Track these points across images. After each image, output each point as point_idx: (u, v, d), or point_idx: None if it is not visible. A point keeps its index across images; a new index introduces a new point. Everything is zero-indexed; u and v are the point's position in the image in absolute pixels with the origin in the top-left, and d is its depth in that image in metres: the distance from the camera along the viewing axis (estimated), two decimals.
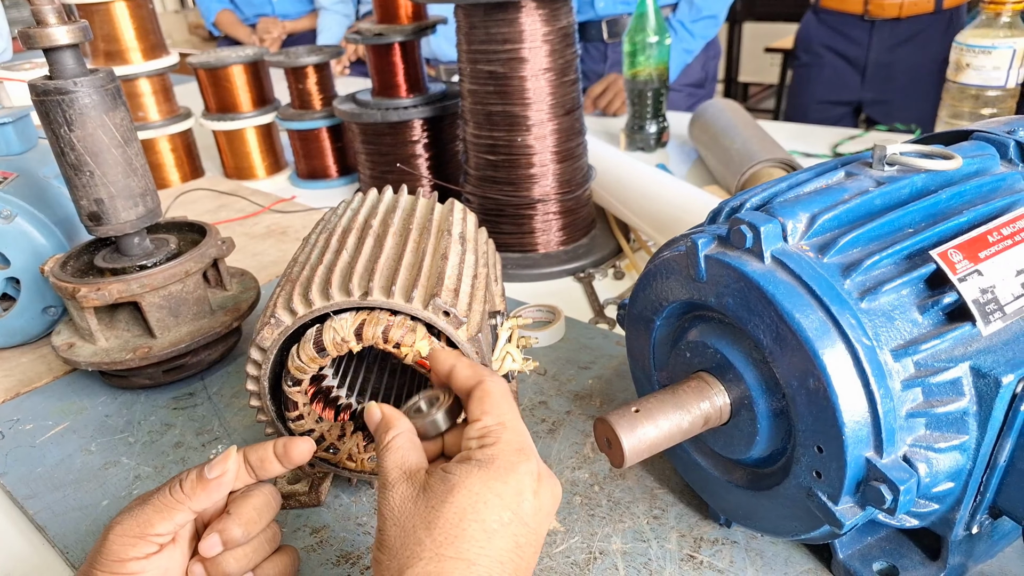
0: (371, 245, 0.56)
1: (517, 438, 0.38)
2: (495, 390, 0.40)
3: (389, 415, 0.42)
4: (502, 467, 0.36)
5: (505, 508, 0.35)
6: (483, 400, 0.40)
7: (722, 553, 0.50)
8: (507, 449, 0.37)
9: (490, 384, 0.40)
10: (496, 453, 0.37)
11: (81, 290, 0.68)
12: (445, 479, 0.36)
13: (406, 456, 0.39)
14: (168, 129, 1.33)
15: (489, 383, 0.40)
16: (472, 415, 0.39)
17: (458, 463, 0.37)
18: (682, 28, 1.79)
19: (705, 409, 0.45)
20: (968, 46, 1.01)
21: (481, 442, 0.37)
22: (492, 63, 0.87)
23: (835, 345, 0.37)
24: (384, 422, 0.41)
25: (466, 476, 0.35)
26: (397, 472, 0.38)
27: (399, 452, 0.39)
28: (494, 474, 0.36)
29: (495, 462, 0.36)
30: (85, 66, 0.66)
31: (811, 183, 0.46)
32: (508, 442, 0.37)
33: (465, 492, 0.35)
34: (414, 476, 0.37)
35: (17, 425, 0.71)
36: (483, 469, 0.36)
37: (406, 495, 0.36)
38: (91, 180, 0.67)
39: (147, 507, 0.40)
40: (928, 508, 0.40)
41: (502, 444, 0.37)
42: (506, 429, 0.38)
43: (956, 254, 0.39)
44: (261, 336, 0.50)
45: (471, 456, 0.37)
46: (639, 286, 0.51)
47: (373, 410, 0.43)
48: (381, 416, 0.42)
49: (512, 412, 0.39)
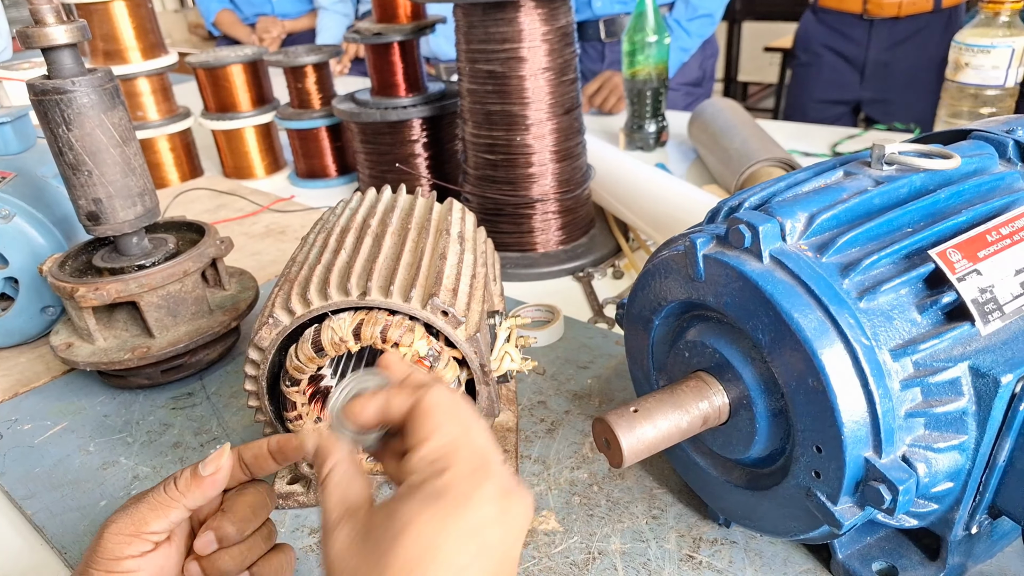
0: (369, 245, 0.56)
1: (471, 456, 0.32)
2: (437, 403, 0.34)
3: (323, 445, 0.36)
4: (457, 498, 0.30)
5: (468, 543, 0.30)
6: (424, 419, 0.34)
7: (721, 553, 0.50)
8: (460, 474, 0.31)
9: (429, 399, 0.35)
10: (449, 481, 0.31)
11: (79, 290, 0.68)
12: (391, 519, 0.30)
13: (347, 491, 0.34)
14: (167, 128, 1.33)
15: (427, 399, 0.34)
16: (415, 439, 0.34)
17: (405, 498, 0.31)
18: (678, 27, 1.79)
19: (704, 409, 0.45)
20: (967, 45, 1.01)
21: (431, 468, 0.32)
22: (491, 62, 0.87)
23: (834, 345, 0.37)
24: (319, 452, 0.36)
25: (416, 515, 0.30)
26: (339, 511, 0.33)
27: (339, 487, 0.34)
28: (449, 508, 0.30)
29: (448, 493, 0.31)
30: (83, 66, 0.66)
31: (810, 182, 0.45)
32: (461, 463, 0.32)
33: (416, 535, 0.30)
34: (356, 515, 0.32)
35: (15, 425, 0.71)
36: (435, 504, 0.30)
37: (351, 538, 0.31)
38: (89, 180, 0.67)
39: (142, 505, 0.40)
40: (927, 508, 0.40)
41: (455, 469, 0.31)
42: (458, 449, 0.32)
43: (955, 253, 0.39)
44: (259, 336, 0.50)
45: (420, 488, 0.31)
46: (637, 286, 0.51)
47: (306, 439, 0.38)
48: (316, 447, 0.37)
49: (463, 424, 0.34)
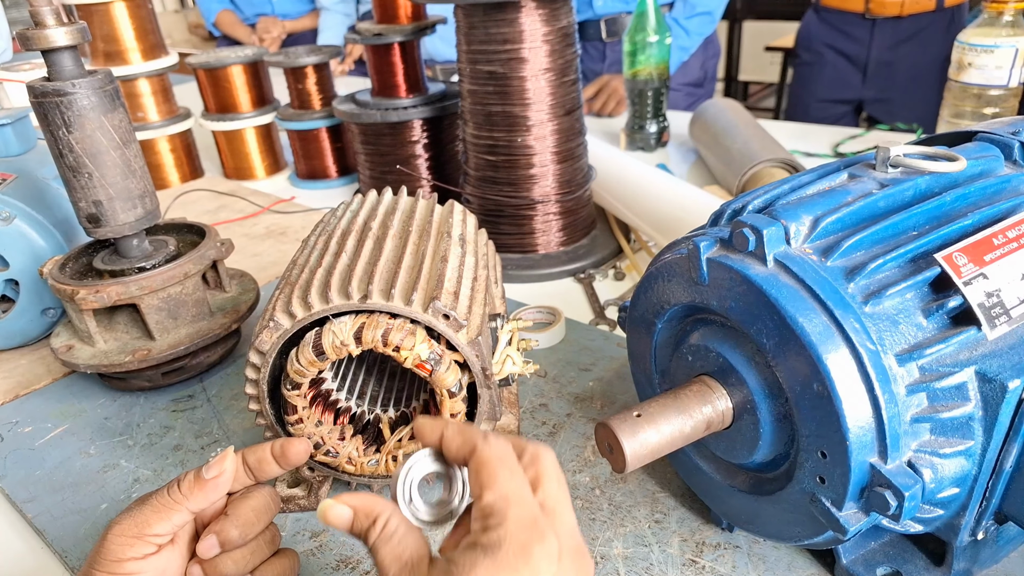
0: (370, 247, 0.56)
1: (526, 512, 0.32)
2: (491, 457, 0.34)
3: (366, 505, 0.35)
4: (512, 552, 0.31)
5: None
6: (479, 472, 0.34)
7: (724, 558, 0.50)
8: (516, 529, 0.31)
9: (484, 451, 0.35)
10: (503, 535, 0.31)
11: (80, 292, 0.67)
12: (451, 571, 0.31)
13: (403, 543, 0.34)
14: (167, 129, 1.33)
15: (482, 450, 0.35)
16: (472, 492, 0.34)
17: (463, 551, 0.32)
18: (677, 25, 1.79)
19: (707, 413, 0.44)
20: (970, 45, 1.01)
21: (485, 523, 0.32)
22: (492, 63, 0.87)
23: (839, 349, 0.37)
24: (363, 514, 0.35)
25: (471, 568, 0.30)
26: (396, 567, 0.33)
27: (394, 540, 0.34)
28: (502, 562, 0.30)
29: (503, 547, 0.31)
30: (83, 67, 0.66)
31: (814, 185, 0.45)
32: (517, 520, 0.32)
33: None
34: (417, 568, 0.33)
35: (16, 428, 0.71)
36: (490, 557, 0.31)
37: None
38: (89, 182, 0.66)
39: (146, 508, 0.40)
40: (933, 514, 0.39)
41: (509, 524, 0.32)
42: (511, 504, 0.32)
43: (961, 257, 0.39)
44: (260, 339, 0.50)
45: (476, 541, 0.32)
46: (640, 288, 0.51)
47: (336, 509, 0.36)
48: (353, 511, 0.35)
49: (517, 480, 0.34)
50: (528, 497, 0.33)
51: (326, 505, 0.36)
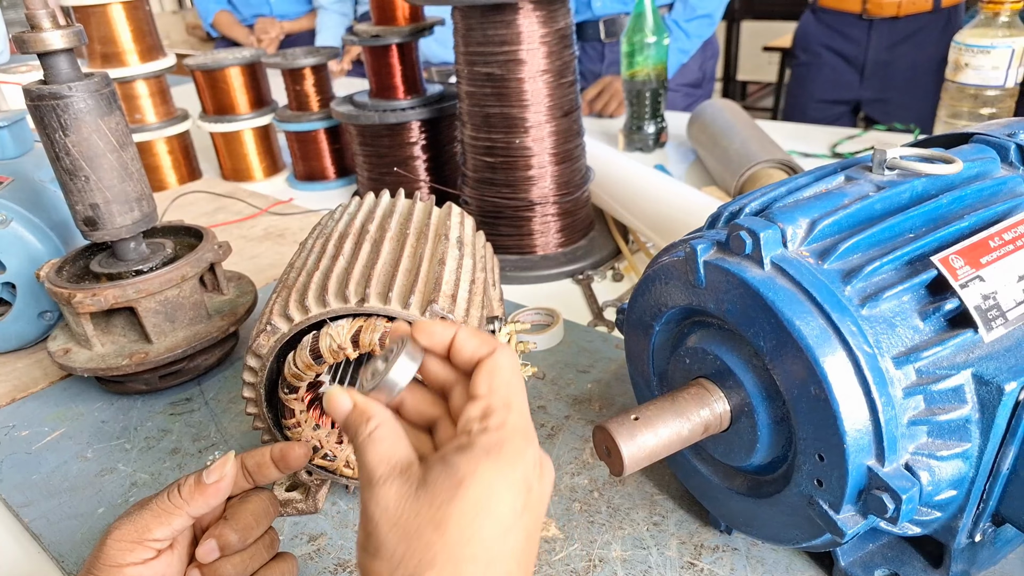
0: (368, 250, 0.56)
1: (523, 421, 0.34)
2: (506, 365, 0.36)
3: (364, 404, 0.36)
4: (511, 454, 0.32)
5: (516, 498, 0.32)
6: (492, 375, 0.35)
7: (723, 560, 0.50)
8: (514, 433, 0.33)
9: (501, 357, 0.36)
10: (504, 438, 0.33)
11: (76, 296, 0.67)
12: (450, 471, 0.31)
13: (393, 448, 0.34)
14: (165, 131, 1.33)
15: (500, 356, 0.36)
16: (476, 390, 0.35)
17: (461, 451, 0.32)
18: (677, 28, 1.79)
19: (705, 416, 0.44)
20: (967, 46, 1.01)
21: (484, 424, 0.33)
22: (489, 65, 0.87)
23: (836, 352, 0.37)
24: (358, 411, 0.36)
25: (475, 466, 0.31)
26: (386, 467, 0.33)
27: (384, 443, 0.34)
28: (504, 462, 0.32)
29: (503, 448, 0.32)
30: (80, 70, 0.65)
31: (811, 188, 0.45)
32: (515, 426, 0.33)
33: (476, 485, 0.31)
34: (407, 470, 0.33)
35: (13, 431, 0.71)
36: (492, 457, 0.32)
37: (403, 492, 0.32)
38: (86, 185, 0.66)
39: (145, 512, 0.40)
40: (930, 516, 0.39)
41: (508, 428, 0.33)
42: (511, 411, 0.34)
43: (957, 260, 0.39)
44: (257, 343, 0.50)
45: (474, 442, 0.32)
46: (638, 291, 0.51)
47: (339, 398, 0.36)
48: (353, 405, 0.36)
49: (520, 392, 0.35)
50: (525, 408, 0.35)
51: (334, 391, 0.36)
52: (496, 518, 0.31)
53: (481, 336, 0.37)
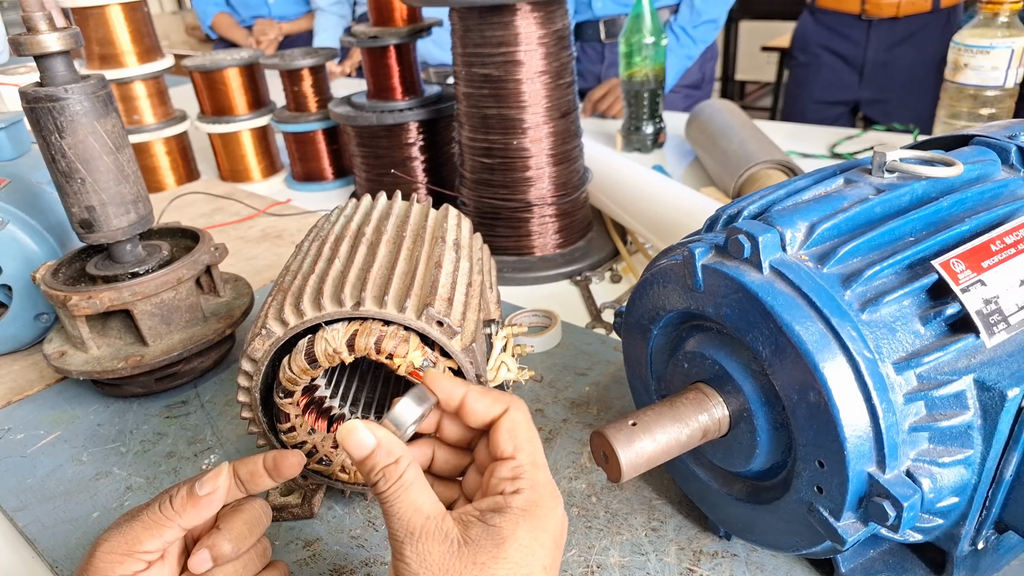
0: (364, 253, 0.55)
1: (549, 478, 0.35)
2: (523, 421, 0.36)
3: (389, 443, 0.35)
4: (544, 515, 0.34)
5: (548, 555, 0.33)
6: (514, 433, 0.36)
7: (722, 566, 0.50)
8: (545, 493, 0.34)
9: (516, 413, 0.37)
10: (536, 499, 0.34)
11: (72, 298, 0.67)
12: (491, 531, 0.33)
13: (427, 495, 0.34)
14: (163, 132, 1.32)
15: (515, 412, 0.37)
16: (502, 450, 0.36)
17: (498, 512, 0.33)
18: (684, 34, 1.78)
19: (704, 422, 0.44)
20: (966, 46, 1.01)
21: (515, 485, 0.34)
22: (487, 66, 0.86)
23: (836, 358, 0.37)
24: (384, 450, 0.35)
25: (514, 527, 0.33)
26: (422, 518, 0.33)
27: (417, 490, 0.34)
28: (539, 523, 0.33)
29: (537, 509, 0.34)
30: (76, 72, 0.65)
31: (810, 190, 0.45)
32: (544, 484, 0.35)
33: (516, 546, 0.32)
34: (442, 524, 0.33)
35: (8, 435, 0.71)
36: (528, 519, 0.33)
37: (445, 549, 0.32)
38: (82, 187, 0.66)
39: (135, 524, 0.39)
40: (932, 523, 0.39)
41: (539, 487, 0.34)
42: (539, 469, 0.35)
43: (958, 264, 0.39)
44: (252, 347, 0.50)
45: (511, 503, 0.34)
46: (636, 294, 0.50)
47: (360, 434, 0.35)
48: (377, 443, 0.35)
49: (540, 447, 0.36)
50: (544, 460, 0.36)
51: (351, 426, 0.35)
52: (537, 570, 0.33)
53: (491, 394, 0.37)
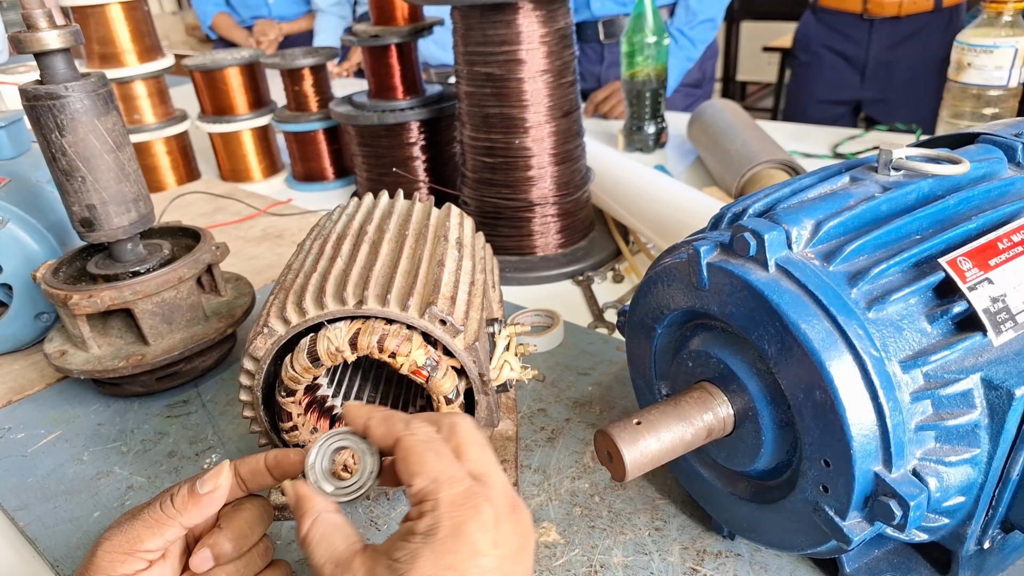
0: (366, 252, 0.55)
1: (456, 491, 0.33)
2: (416, 443, 0.36)
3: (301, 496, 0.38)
4: (448, 535, 0.32)
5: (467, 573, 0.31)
6: (407, 459, 0.35)
7: (726, 566, 0.49)
8: (448, 511, 0.33)
9: (407, 439, 0.36)
10: (438, 519, 0.32)
11: (73, 297, 0.67)
12: (392, 569, 0.32)
13: (332, 543, 0.35)
14: (164, 132, 1.32)
15: (405, 438, 0.36)
16: (402, 480, 0.35)
17: (402, 543, 0.33)
18: (682, 36, 1.78)
19: (708, 421, 0.44)
20: (969, 45, 1.01)
21: (419, 510, 0.33)
22: (489, 65, 0.86)
23: (842, 356, 0.36)
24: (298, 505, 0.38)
25: (414, 560, 0.31)
26: (330, 567, 0.34)
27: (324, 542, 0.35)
28: (441, 547, 0.31)
29: (439, 532, 0.32)
30: (76, 70, 0.65)
31: (815, 188, 0.45)
32: (449, 501, 0.33)
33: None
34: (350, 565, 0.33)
35: (9, 434, 0.70)
36: (429, 545, 0.32)
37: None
38: (83, 186, 0.66)
39: (136, 523, 0.39)
40: (938, 523, 0.39)
41: (442, 507, 0.33)
42: (441, 485, 0.33)
43: (965, 262, 0.38)
44: (254, 346, 0.49)
45: (413, 530, 0.33)
46: (640, 293, 0.50)
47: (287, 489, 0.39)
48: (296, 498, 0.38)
49: (444, 460, 0.35)
50: (457, 473, 0.34)
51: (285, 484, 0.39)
52: None
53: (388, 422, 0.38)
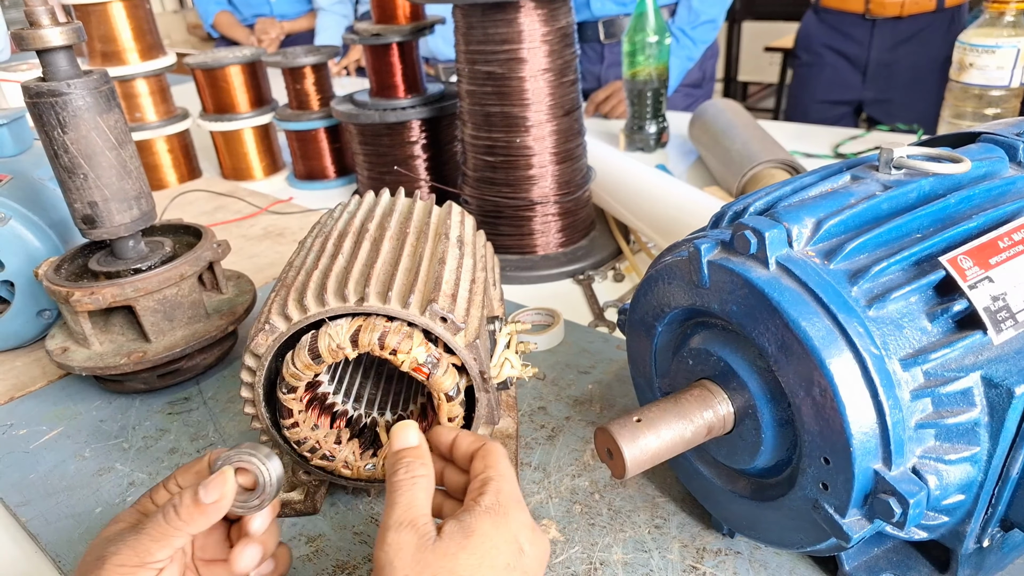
0: (367, 249, 0.55)
1: (515, 490, 0.41)
2: (498, 450, 0.43)
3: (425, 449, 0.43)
4: (505, 512, 0.39)
5: (512, 556, 0.37)
6: (486, 456, 0.42)
7: (725, 564, 0.49)
8: (507, 498, 0.40)
9: (492, 445, 0.44)
10: (500, 501, 0.39)
11: (75, 294, 0.67)
12: (460, 525, 0.37)
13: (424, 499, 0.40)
14: (165, 130, 1.32)
15: (491, 444, 0.44)
16: (475, 470, 0.42)
17: (467, 510, 0.39)
18: (684, 36, 1.78)
19: (708, 418, 0.44)
20: (971, 45, 1.01)
21: (483, 490, 0.40)
22: (490, 63, 0.86)
23: (842, 354, 0.36)
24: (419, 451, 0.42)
25: (480, 521, 0.38)
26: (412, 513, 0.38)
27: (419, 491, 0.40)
28: (501, 519, 0.38)
29: (499, 508, 0.39)
30: (79, 68, 0.65)
31: (816, 187, 0.45)
32: (508, 492, 0.40)
33: (481, 539, 0.37)
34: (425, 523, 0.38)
35: (11, 430, 0.71)
36: (493, 516, 0.38)
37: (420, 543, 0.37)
38: (85, 183, 0.66)
39: (143, 537, 0.40)
40: (938, 521, 0.39)
41: (504, 494, 0.40)
42: (506, 481, 0.41)
43: (966, 260, 0.38)
44: (255, 342, 0.49)
45: (478, 502, 0.39)
46: (640, 291, 0.50)
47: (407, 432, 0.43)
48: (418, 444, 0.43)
49: (511, 471, 0.42)
50: (516, 484, 0.42)
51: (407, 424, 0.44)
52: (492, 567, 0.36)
53: (474, 435, 0.45)
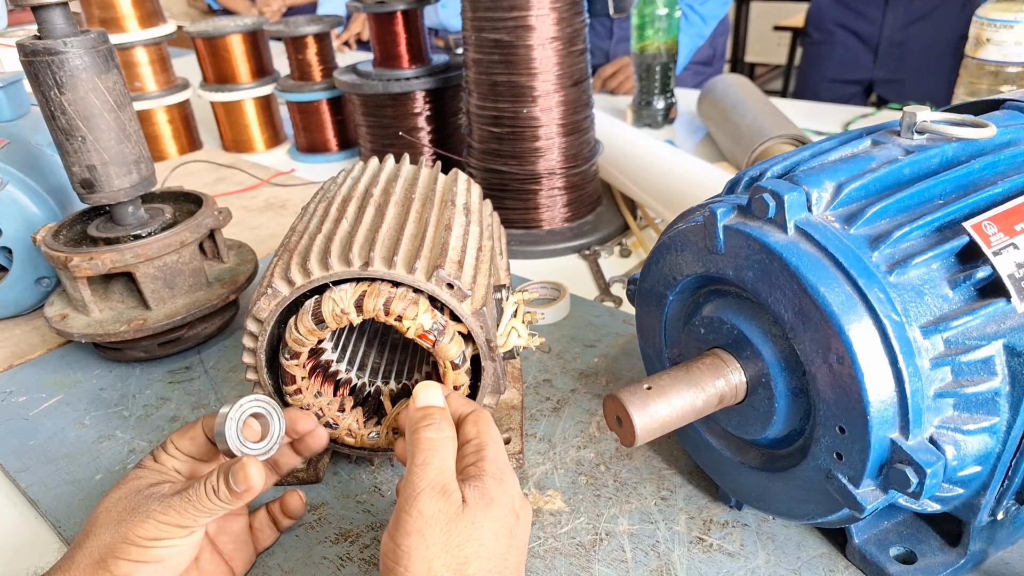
0: (372, 214, 0.54)
1: (506, 457, 0.43)
2: (486, 415, 0.45)
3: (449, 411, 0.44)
4: (504, 479, 0.41)
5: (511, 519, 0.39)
6: (479, 422, 0.44)
7: (732, 536, 0.49)
8: (504, 465, 0.42)
9: (484, 411, 0.45)
10: (499, 467, 0.41)
11: (73, 259, 0.66)
12: (481, 493, 0.39)
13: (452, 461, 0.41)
14: (165, 100, 1.30)
15: (483, 410, 0.45)
16: (467, 434, 0.43)
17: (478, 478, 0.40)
18: (692, 12, 1.75)
19: (720, 387, 0.43)
20: (989, 20, 0.98)
21: (481, 455, 0.41)
22: (498, 31, 0.84)
23: (862, 320, 0.35)
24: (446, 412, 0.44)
25: (494, 489, 0.39)
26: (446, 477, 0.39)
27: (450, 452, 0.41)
28: (504, 486, 0.40)
29: (500, 475, 0.41)
30: (76, 26, 0.63)
31: (836, 151, 0.43)
32: (504, 459, 0.42)
33: (497, 504, 0.39)
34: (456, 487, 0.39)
35: (10, 397, 0.70)
36: (496, 481, 0.40)
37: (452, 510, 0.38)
38: (83, 146, 0.64)
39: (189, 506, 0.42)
40: (953, 492, 0.38)
41: (501, 460, 0.42)
42: (500, 447, 0.43)
43: (991, 226, 0.37)
44: (257, 307, 0.49)
45: (484, 469, 0.41)
46: (651, 259, 0.49)
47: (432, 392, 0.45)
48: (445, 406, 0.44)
49: (500, 437, 0.44)
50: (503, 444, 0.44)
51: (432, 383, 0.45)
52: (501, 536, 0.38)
53: (463, 398, 0.47)
